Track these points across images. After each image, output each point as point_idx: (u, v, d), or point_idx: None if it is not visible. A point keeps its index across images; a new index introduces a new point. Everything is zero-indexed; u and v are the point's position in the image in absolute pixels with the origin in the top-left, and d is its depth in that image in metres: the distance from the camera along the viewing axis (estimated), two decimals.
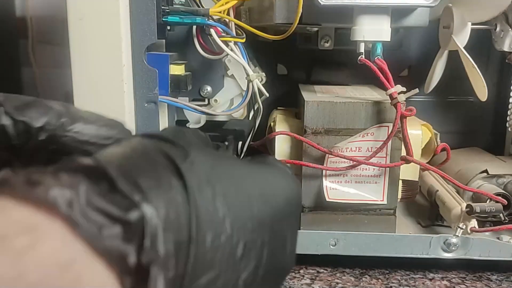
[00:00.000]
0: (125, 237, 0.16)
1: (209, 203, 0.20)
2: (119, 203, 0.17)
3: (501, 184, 0.47)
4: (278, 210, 0.25)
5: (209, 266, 0.20)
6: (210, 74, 0.49)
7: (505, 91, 0.52)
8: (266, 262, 0.23)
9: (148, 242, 0.17)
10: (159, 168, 0.19)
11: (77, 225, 0.16)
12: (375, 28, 0.40)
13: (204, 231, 0.19)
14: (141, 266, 0.17)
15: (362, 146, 0.42)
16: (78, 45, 0.38)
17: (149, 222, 0.17)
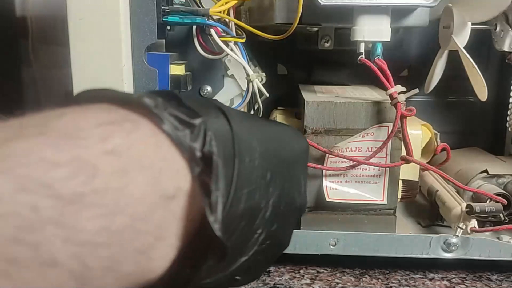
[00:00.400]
0: (192, 137, 0.22)
1: (245, 135, 0.25)
2: (186, 113, 0.23)
3: (501, 184, 0.47)
4: (294, 155, 0.31)
5: (248, 180, 0.24)
6: (210, 74, 0.49)
7: (505, 91, 0.52)
8: (286, 195, 0.28)
9: (208, 139, 0.22)
10: (209, 105, 0.26)
11: (162, 122, 0.22)
12: (375, 28, 0.40)
13: (243, 153, 0.24)
14: (204, 158, 0.22)
15: (362, 146, 0.42)
16: (78, 45, 0.38)
17: (207, 128, 0.23)
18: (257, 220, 0.26)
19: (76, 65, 0.39)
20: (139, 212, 0.20)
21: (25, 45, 0.82)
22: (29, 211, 0.16)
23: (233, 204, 0.23)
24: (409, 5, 0.41)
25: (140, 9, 0.39)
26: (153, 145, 0.21)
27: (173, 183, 0.22)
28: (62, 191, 0.17)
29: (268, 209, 0.27)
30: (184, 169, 0.22)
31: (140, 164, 0.20)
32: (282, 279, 0.42)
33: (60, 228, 0.17)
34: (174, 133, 0.22)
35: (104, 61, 0.38)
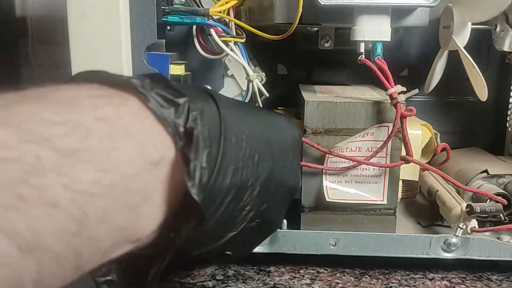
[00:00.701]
0: (176, 114, 0.25)
1: (233, 118, 0.28)
2: (172, 93, 0.25)
3: (501, 184, 0.47)
4: (285, 141, 0.34)
5: (235, 159, 0.27)
6: (210, 74, 0.49)
7: (505, 91, 0.52)
8: (276, 176, 0.31)
9: (191, 117, 0.25)
10: (199, 90, 0.29)
11: (147, 99, 0.24)
12: (375, 28, 0.40)
13: (230, 133, 0.27)
14: (187, 133, 0.25)
15: (362, 146, 0.42)
16: (78, 45, 0.38)
17: (191, 107, 0.25)
18: (244, 198, 0.28)
19: (76, 65, 0.39)
20: (127, 172, 0.22)
21: (25, 45, 0.81)
22: (33, 159, 0.19)
23: (218, 179, 0.26)
24: (409, 5, 0.41)
25: (140, 9, 0.39)
26: (139, 118, 0.24)
27: (157, 152, 0.24)
28: (59, 145, 0.20)
29: (256, 188, 0.29)
30: (167, 141, 0.24)
31: (127, 132, 0.23)
32: (282, 279, 0.42)
33: (59, 175, 0.19)
34: (159, 110, 0.24)
35: (104, 61, 0.38)
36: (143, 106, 0.24)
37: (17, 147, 0.18)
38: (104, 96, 0.23)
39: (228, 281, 0.42)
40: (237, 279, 0.42)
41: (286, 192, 0.34)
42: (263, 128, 0.32)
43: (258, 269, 0.44)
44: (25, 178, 0.18)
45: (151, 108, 0.24)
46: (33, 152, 0.19)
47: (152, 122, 0.24)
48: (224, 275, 0.43)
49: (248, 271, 0.44)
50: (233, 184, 0.27)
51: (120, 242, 0.23)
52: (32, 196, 0.18)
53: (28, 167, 0.18)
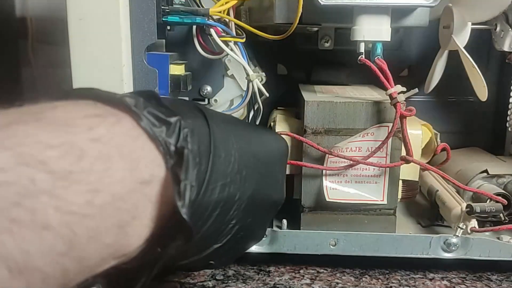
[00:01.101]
0: (168, 133, 0.25)
1: (222, 134, 0.28)
2: (163, 112, 0.26)
3: (501, 184, 0.47)
4: (271, 155, 0.35)
5: (223, 174, 0.28)
6: (210, 74, 0.49)
7: (505, 91, 0.52)
8: (262, 191, 0.32)
9: (182, 136, 0.25)
10: (189, 106, 0.29)
11: (140, 119, 0.25)
12: (375, 28, 0.40)
13: (219, 149, 0.27)
14: (178, 152, 0.25)
15: (362, 146, 0.42)
16: (78, 45, 0.38)
17: (182, 125, 0.26)
18: (231, 212, 0.29)
19: (76, 65, 0.39)
20: (119, 192, 0.23)
21: (25, 45, 0.81)
22: (28, 182, 0.19)
23: (206, 194, 0.26)
24: (409, 5, 0.41)
25: (140, 9, 0.39)
26: (132, 137, 0.24)
27: (149, 171, 0.25)
28: (54, 168, 0.20)
29: (243, 203, 0.29)
30: (159, 160, 0.25)
31: (120, 152, 0.23)
32: (282, 279, 0.42)
33: (52, 198, 0.20)
34: (151, 129, 0.25)
35: (104, 61, 0.38)
36: (136, 125, 0.25)
37: (13, 170, 0.19)
38: (99, 116, 0.24)
39: (228, 281, 0.42)
40: (237, 279, 0.42)
41: (270, 206, 0.35)
42: (251, 143, 0.32)
43: (258, 269, 0.44)
44: (19, 201, 0.19)
45: (144, 127, 0.25)
46: (28, 175, 0.19)
47: (144, 141, 0.25)
48: (224, 275, 0.43)
49: (248, 271, 0.44)
50: (221, 199, 0.28)
51: (106, 258, 0.23)
52: (25, 219, 0.19)
53: (22, 190, 0.19)
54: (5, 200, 0.18)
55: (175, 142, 0.25)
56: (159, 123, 0.25)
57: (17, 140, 0.20)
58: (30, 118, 0.22)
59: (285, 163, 0.38)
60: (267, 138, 0.37)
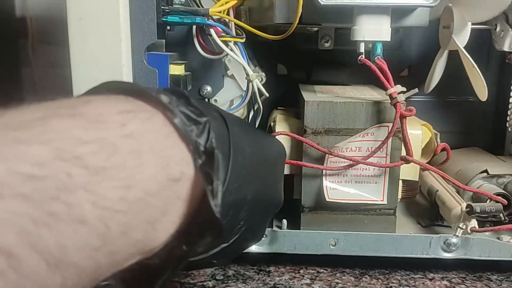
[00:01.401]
0: (197, 133, 0.26)
1: (238, 137, 0.29)
2: (193, 111, 0.26)
3: (501, 184, 0.47)
4: (275, 158, 0.36)
5: (238, 176, 0.28)
6: (210, 74, 0.49)
7: (505, 91, 0.52)
8: (266, 192, 0.33)
9: (211, 137, 0.26)
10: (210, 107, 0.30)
11: (174, 116, 0.25)
12: (375, 28, 0.40)
13: (236, 152, 0.28)
14: (206, 152, 0.26)
15: (362, 146, 0.42)
16: (78, 45, 0.38)
17: (211, 126, 0.26)
18: (241, 212, 0.29)
19: (76, 65, 0.39)
20: (150, 189, 0.23)
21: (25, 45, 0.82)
22: (65, 176, 0.19)
23: (225, 195, 0.27)
24: (409, 5, 0.41)
25: (140, 9, 0.39)
26: (164, 135, 0.25)
27: (179, 168, 0.25)
28: (89, 163, 0.20)
29: (251, 204, 0.30)
30: (188, 158, 0.25)
31: (152, 148, 0.24)
32: (282, 279, 0.42)
33: (88, 193, 0.20)
34: (183, 127, 0.25)
35: (104, 61, 0.38)
36: (167, 122, 0.25)
37: (51, 164, 0.19)
38: (131, 112, 0.24)
39: (228, 281, 0.42)
40: (237, 279, 0.42)
41: (272, 208, 0.36)
42: (258, 146, 0.33)
43: (258, 269, 0.44)
44: (57, 195, 0.19)
45: (176, 125, 0.25)
46: (65, 170, 0.19)
47: (175, 139, 0.25)
48: (224, 275, 0.43)
49: (248, 271, 0.44)
50: (236, 200, 0.28)
51: (134, 253, 0.24)
52: (62, 213, 0.19)
53: (60, 184, 0.19)
54: (44, 194, 0.18)
55: (204, 142, 0.26)
56: (189, 122, 0.26)
57: (53, 135, 0.20)
58: (64, 112, 0.22)
59: (284, 165, 0.39)
60: (270, 141, 0.38)
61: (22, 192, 0.18)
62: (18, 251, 0.17)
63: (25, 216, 0.18)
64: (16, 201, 0.17)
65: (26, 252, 0.17)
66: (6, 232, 0.17)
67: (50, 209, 0.18)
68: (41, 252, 0.18)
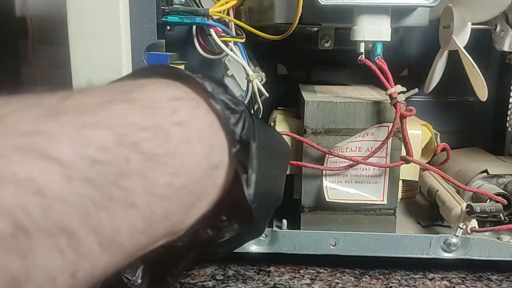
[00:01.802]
0: (234, 121, 0.27)
1: (260, 131, 0.29)
2: (231, 100, 0.27)
3: (501, 184, 0.47)
4: (283, 155, 0.37)
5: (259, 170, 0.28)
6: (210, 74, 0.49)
7: (505, 91, 0.52)
8: (273, 188, 0.33)
9: (247, 125, 0.27)
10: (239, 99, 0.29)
11: (217, 103, 0.26)
12: (375, 28, 0.40)
13: (260, 146, 0.28)
14: (241, 141, 0.27)
15: (362, 146, 0.42)
16: (78, 45, 0.38)
17: (246, 116, 0.27)
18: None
19: (76, 65, 0.39)
20: (194, 176, 0.24)
21: (25, 45, 0.81)
22: (124, 162, 0.20)
23: (257, 185, 0.27)
24: (409, 5, 0.41)
25: (140, 9, 0.39)
26: (208, 122, 0.26)
27: (219, 156, 0.26)
28: (145, 149, 0.21)
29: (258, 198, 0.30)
30: (225, 146, 0.26)
31: (198, 137, 0.24)
32: (282, 279, 0.42)
33: (142, 178, 0.21)
34: (223, 115, 0.26)
35: (104, 61, 0.38)
36: (210, 110, 0.26)
37: (112, 149, 0.20)
38: (180, 99, 0.25)
39: (228, 281, 0.42)
40: (237, 279, 0.42)
41: (275, 203, 0.36)
42: (270, 143, 0.34)
43: (258, 269, 0.44)
44: (116, 180, 0.20)
45: (218, 112, 0.26)
46: (124, 156, 0.20)
47: (217, 127, 0.26)
48: (224, 275, 0.43)
49: (248, 271, 0.44)
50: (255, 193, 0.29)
51: (166, 236, 0.24)
52: (119, 198, 0.20)
53: (119, 170, 0.20)
54: (106, 179, 0.19)
55: (240, 131, 0.27)
56: (228, 110, 0.26)
57: (115, 120, 0.21)
58: (124, 98, 0.23)
59: (288, 164, 0.40)
60: (279, 138, 0.39)
61: (88, 176, 0.18)
62: (79, 232, 0.18)
63: (88, 199, 0.18)
64: (82, 184, 0.18)
65: (86, 233, 0.18)
66: (72, 214, 0.18)
67: (110, 193, 0.19)
68: (98, 234, 0.19)
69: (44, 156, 0.17)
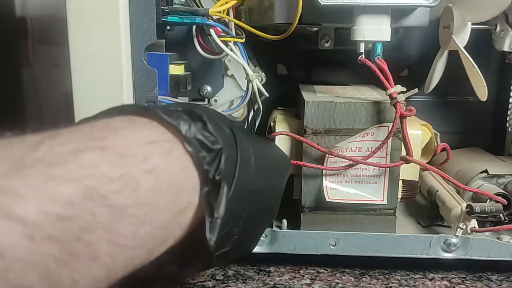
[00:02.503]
0: (209, 161, 0.26)
1: (246, 155, 0.29)
2: (208, 138, 0.26)
3: (501, 184, 0.47)
4: (278, 171, 0.36)
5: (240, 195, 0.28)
6: (210, 74, 0.49)
7: (505, 91, 0.52)
8: (265, 207, 0.33)
9: (221, 165, 0.26)
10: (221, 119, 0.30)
11: (190, 145, 0.25)
12: (375, 28, 0.40)
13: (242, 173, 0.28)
14: (213, 182, 0.26)
15: (362, 146, 0.42)
16: (78, 45, 0.38)
17: (222, 154, 0.26)
18: (236, 228, 0.29)
19: (75, 65, 0.39)
20: (160, 223, 0.24)
21: (25, 45, 0.81)
22: (90, 216, 0.20)
23: (223, 219, 0.27)
24: (409, 5, 0.41)
25: (140, 9, 0.39)
26: (181, 167, 0.25)
27: (188, 198, 0.25)
28: (113, 202, 0.21)
29: (248, 220, 0.30)
30: (197, 186, 0.26)
31: (169, 182, 0.24)
32: (282, 279, 0.42)
33: (107, 232, 0.20)
34: (197, 156, 0.26)
35: (104, 61, 0.38)
36: (185, 152, 0.26)
37: (79, 204, 0.20)
38: (155, 143, 0.25)
39: (228, 281, 0.42)
40: (237, 279, 0.42)
41: (268, 220, 0.36)
42: (264, 160, 0.33)
43: (258, 269, 0.44)
44: (80, 235, 0.19)
45: (191, 154, 0.26)
46: (90, 209, 0.20)
47: (191, 170, 0.26)
48: (224, 275, 0.43)
49: (248, 271, 0.44)
50: (232, 217, 0.28)
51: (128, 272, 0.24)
52: (81, 252, 0.19)
53: (84, 224, 0.20)
54: (70, 234, 0.19)
55: (214, 171, 0.26)
56: (203, 149, 0.26)
57: (84, 172, 0.21)
58: (95, 145, 0.22)
59: (286, 179, 0.38)
60: (278, 154, 0.38)
61: (51, 234, 0.18)
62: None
63: (50, 256, 0.18)
64: (45, 242, 0.18)
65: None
66: (32, 272, 0.17)
67: (72, 249, 0.19)
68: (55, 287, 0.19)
69: (7, 215, 0.17)
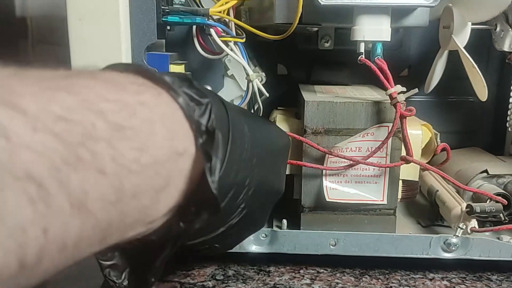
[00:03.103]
0: (199, 113, 0.26)
1: (238, 122, 0.30)
2: (196, 93, 0.27)
3: (501, 184, 0.47)
4: (278, 149, 0.37)
5: (238, 159, 0.29)
6: (210, 74, 0.49)
7: (505, 91, 0.52)
8: (267, 180, 0.34)
9: (212, 117, 0.27)
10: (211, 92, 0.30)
11: (178, 95, 0.26)
12: (375, 28, 0.40)
13: (235, 136, 0.29)
14: (207, 132, 0.26)
15: (362, 146, 0.42)
16: (78, 45, 0.38)
17: (212, 107, 0.27)
18: (240, 196, 0.30)
19: (76, 65, 0.39)
20: (159, 157, 0.24)
21: (25, 45, 0.81)
22: (90, 126, 0.20)
23: (224, 176, 0.27)
24: (409, 5, 0.41)
25: (140, 9, 0.39)
26: (172, 110, 0.26)
27: (183, 144, 0.26)
28: (111, 119, 0.21)
29: (251, 189, 0.31)
30: (191, 136, 0.26)
31: (162, 120, 0.24)
32: (282, 279, 0.42)
33: (109, 146, 0.20)
34: (187, 107, 0.26)
35: (104, 61, 0.38)
36: (173, 101, 0.26)
37: (78, 111, 0.20)
38: (143, 85, 0.25)
39: (228, 281, 0.42)
40: (237, 279, 0.42)
41: (273, 196, 0.37)
42: (260, 134, 0.34)
43: (258, 269, 0.44)
44: (84, 142, 0.19)
45: (180, 104, 0.26)
46: (90, 120, 0.20)
47: (180, 116, 0.26)
48: (224, 275, 0.43)
49: (248, 271, 0.44)
50: (234, 182, 0.29)
51: (139, 221, 0.24)
52: (87, 160, 0.19)
53: (86, 132, 0.19)
54: (73, 137, 0.19)
55: (205, 122, 0.27)
56: (192, 102, 0.27)
57: (79, 89, 0.21)
58: (86, 75, 0.23)
59: (287, 155, 0.40)
60: (274, 131, 0.39)
61: (54, 130, 0.18)
62: (48, 184, 0.17)
63: (56, 153, 0.18)
64: (48, 136, 0.18)
65: (55, 187, 0.18)
66: (40, 163, 0.17)
67: (77, 153, 0.19)
68: (67, 192, 0.18)
69: (8, 103, 0.17)
